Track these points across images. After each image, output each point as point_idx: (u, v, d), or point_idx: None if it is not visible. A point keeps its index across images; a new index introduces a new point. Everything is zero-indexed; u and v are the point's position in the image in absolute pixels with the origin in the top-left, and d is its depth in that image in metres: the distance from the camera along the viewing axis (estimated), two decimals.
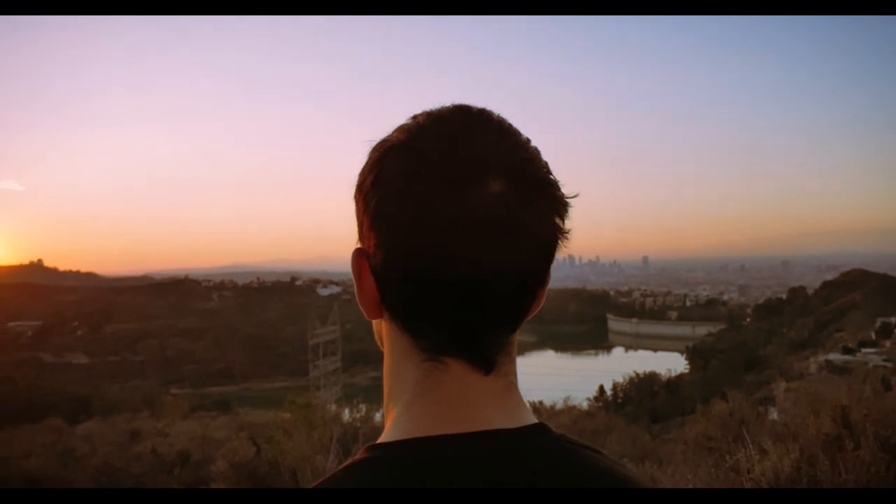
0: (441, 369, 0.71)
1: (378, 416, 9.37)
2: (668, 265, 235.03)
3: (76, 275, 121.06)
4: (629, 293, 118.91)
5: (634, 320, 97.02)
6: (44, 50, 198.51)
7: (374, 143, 0.74)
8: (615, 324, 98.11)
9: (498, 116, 0.74)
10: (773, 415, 11.80)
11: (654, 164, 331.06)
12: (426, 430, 0.69)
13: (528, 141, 0.73)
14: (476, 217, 0.66)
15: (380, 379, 0.80)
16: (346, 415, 9.68)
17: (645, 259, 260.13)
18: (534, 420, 0.74)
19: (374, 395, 8.64)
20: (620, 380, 49.86)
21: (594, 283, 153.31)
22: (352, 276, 0.75)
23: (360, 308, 0.75)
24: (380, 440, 0.71)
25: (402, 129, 0.73)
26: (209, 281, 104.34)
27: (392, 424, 0.73)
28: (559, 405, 18.64)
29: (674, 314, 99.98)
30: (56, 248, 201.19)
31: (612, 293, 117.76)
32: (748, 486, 4.42)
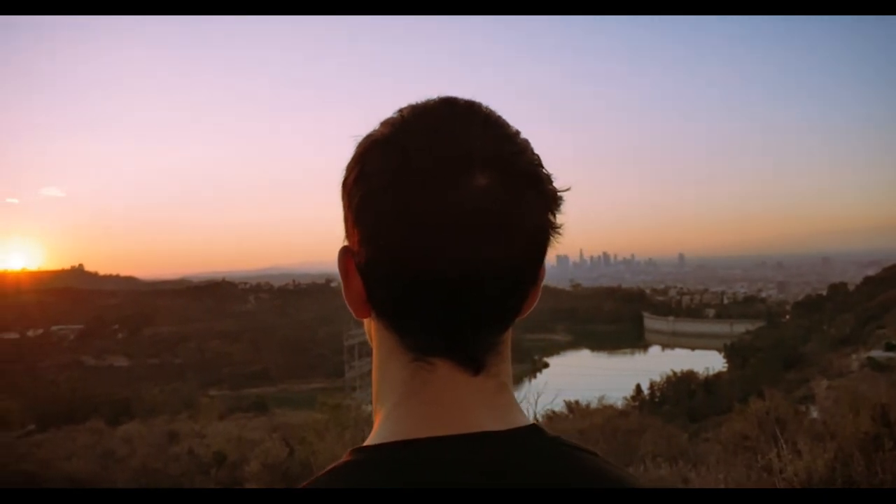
0: (428, 370, 0.69)
1: None
2: (704, 262, 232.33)
3: (116, 279, 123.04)
4: (665, 291, 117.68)
5: (671, 318, 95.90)
6: (82, 57, 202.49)
7: (359, 139, 0.71)
8: (651, 322, 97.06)
9: (486, 108, 0.71)
10: (814, 413, 11.57)
11: (689, 162, 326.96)
12: (411, 433, 0.67)
13: (517, 133, 0.71)
14: (461, 212, 0.63)
15: None
16: None
17: (681, 256, 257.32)
18: (526, 422, 0.71)
19: None
20: (657, 379, 49.31)
21: (629, 281, 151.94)
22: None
23: (348, 307, 0.73)
24: (366, 442, 0.69)
25: (386, 124, 0.70)
26: (246, 283, 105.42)
27: (378, 426, 0.71)
28: (594, 405, 18.48)
29: (711, 312, 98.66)
30: (96, 253, 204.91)
31: (647, 291, 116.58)
32: (780, 486, 4.34)
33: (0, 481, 10.56)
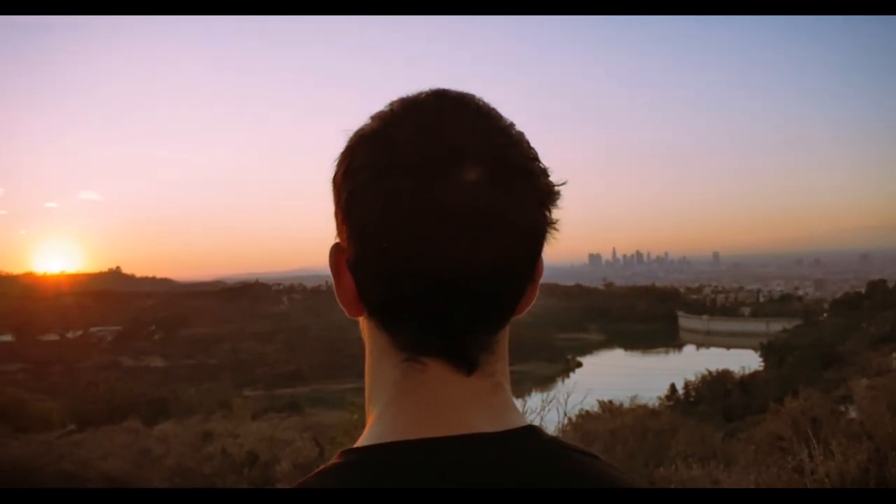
0: (419, 370, 0.67)
1: None
2: (739, 260, 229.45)
3: (152, 281, 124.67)
4: (699, 290, 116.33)
5: (705, 317, 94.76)
6: (118, 64, 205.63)
7: (350, 133, 0.69)
8: (686, 321, 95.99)
9: (478, 101, 0.69)
10: (852, 413, 11.37)
11: (724, 159, 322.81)
12: (402, 434, 0.65)
13: (511, 125, 0.68)
14: (449, 208, 0.61)
15: None
16: None
17: (715, 255, 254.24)
18: (523, 423, 0.69)
19: None
20: (692, 378, 48.80)
21: (663, 280, 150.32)
22: None
23: (340, 306, 0.72)
24: (357, 443, 0.68)
25: (375, 117, 0.68)
26: (279, 285, 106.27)
27: (369, 427, 0.70)
28: (627, 405, 18.34)
29: (746, 311, 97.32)
30: (133, 256, 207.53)
31: (681, 290, 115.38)
32: (811, 487, 4.28)
33: (40, 480, 10.78)
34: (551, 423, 8.62)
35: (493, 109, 0.69)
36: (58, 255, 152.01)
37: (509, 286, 0.67)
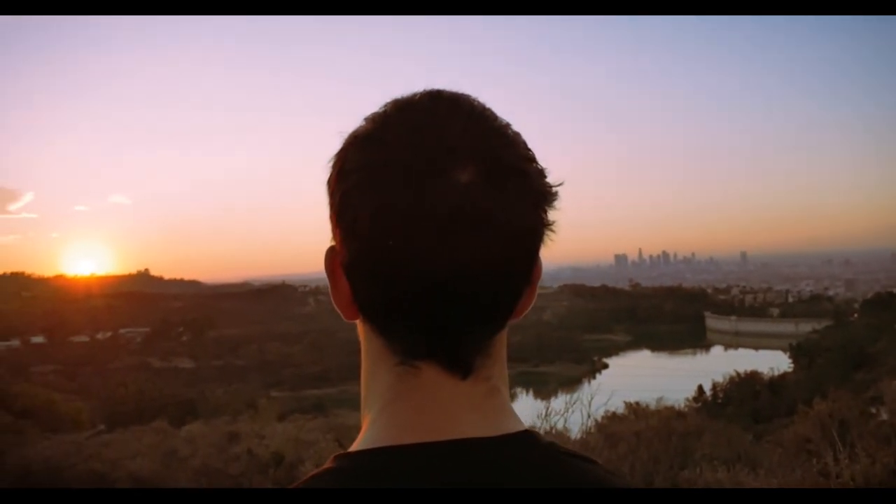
0: (413, 374, 0.67)
1: None
2: (768, 260, 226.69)
3: (180, 283, 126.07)
4: (727, 290, 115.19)
5: (733, 318, 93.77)
6: (146, 66, 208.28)
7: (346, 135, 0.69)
8: (713, 322, 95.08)
9: (472, 101, 0.68)
10: (884, 415, 11.19)
11: (750, 158, 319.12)
12: (395, 439, 0.65)
13: (507, 126, 0.67)
14: (440, 210, 0.61)
15: None
16: None
17: (743, 254, 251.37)
18: (520, 427, 0.69)
19: None
20: (720, 379, 48.34)
21: (690, 280, 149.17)
22: None
23: (336, 309, 0.71)
24: (351, 448, 0.68)
25: (368, 119, 0.68)
26: (305, 286, 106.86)
27: (364, 432, 0.69)
28: (653, 406, 18.20)
29: (775, 311, 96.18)
30: (161, 258, 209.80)
31: (709, 290, 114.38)
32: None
33: (70, 480, 10.95)
34: (575, 425, 8.58)
35: (488, 110, 0.68)
36: (88, 257, 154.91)
37: (504, 289, 0.66)
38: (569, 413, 8.15)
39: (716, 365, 57.84)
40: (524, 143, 0.68)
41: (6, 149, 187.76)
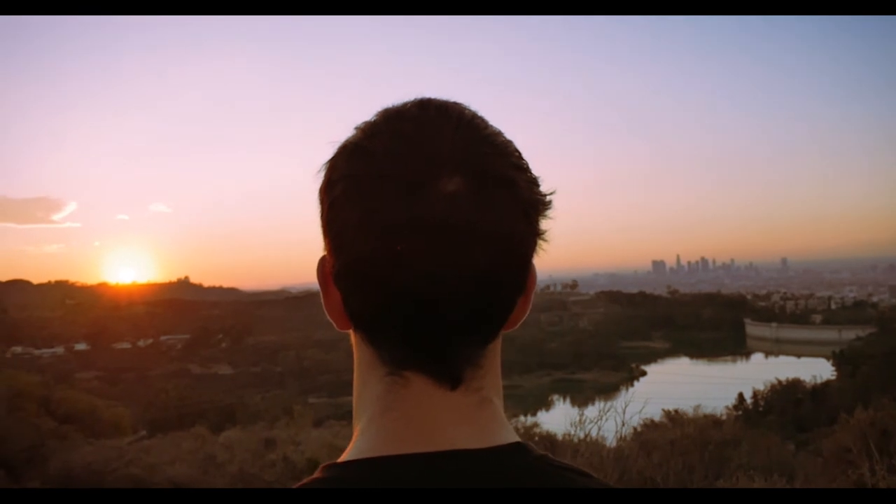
0: (402, 384, 0.66)
1: None
2: (809, 266, 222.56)
3: (219, 290, 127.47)
4: (767, 297, 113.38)
5: (774, 325, 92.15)
6: (186, 77, 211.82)
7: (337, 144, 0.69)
8: (753, 329, 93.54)
9: (462, 109, 0.67)
10: None
11: (789, 163, 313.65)
12: (382, 450, 0.65)
13: (497, 133, 0.67)
14: (426, 220, 0.60)
15: (507, 386, 0.75)
16: None
17: (784, 261, 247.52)
18: (511, 439, 0.68)
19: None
20: (761, 387, 47.55)
21: (729, 286, 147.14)
22: None
23: (329, 319, 0.71)
24: (340, 458, 0.67)
25: (358, 128, 0.68)
26: None
27: (353, 442, 0.69)
28: (692, 414, 17.99)
29: (817, 318, 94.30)
30: (201, 266, 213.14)
31: (749, 297, 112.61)
32: None
33: (110, 484, 11.15)
34: (609, 433, 8.50)
35: (478, 118, 0.67)
36: (129, 265, 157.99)
37: (494, 299, 0.65)
38: (603, 421, 8.07)
39: (756, 372, 56.94)
40: (515, 152, 0.67)
41: (50, 159, 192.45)
